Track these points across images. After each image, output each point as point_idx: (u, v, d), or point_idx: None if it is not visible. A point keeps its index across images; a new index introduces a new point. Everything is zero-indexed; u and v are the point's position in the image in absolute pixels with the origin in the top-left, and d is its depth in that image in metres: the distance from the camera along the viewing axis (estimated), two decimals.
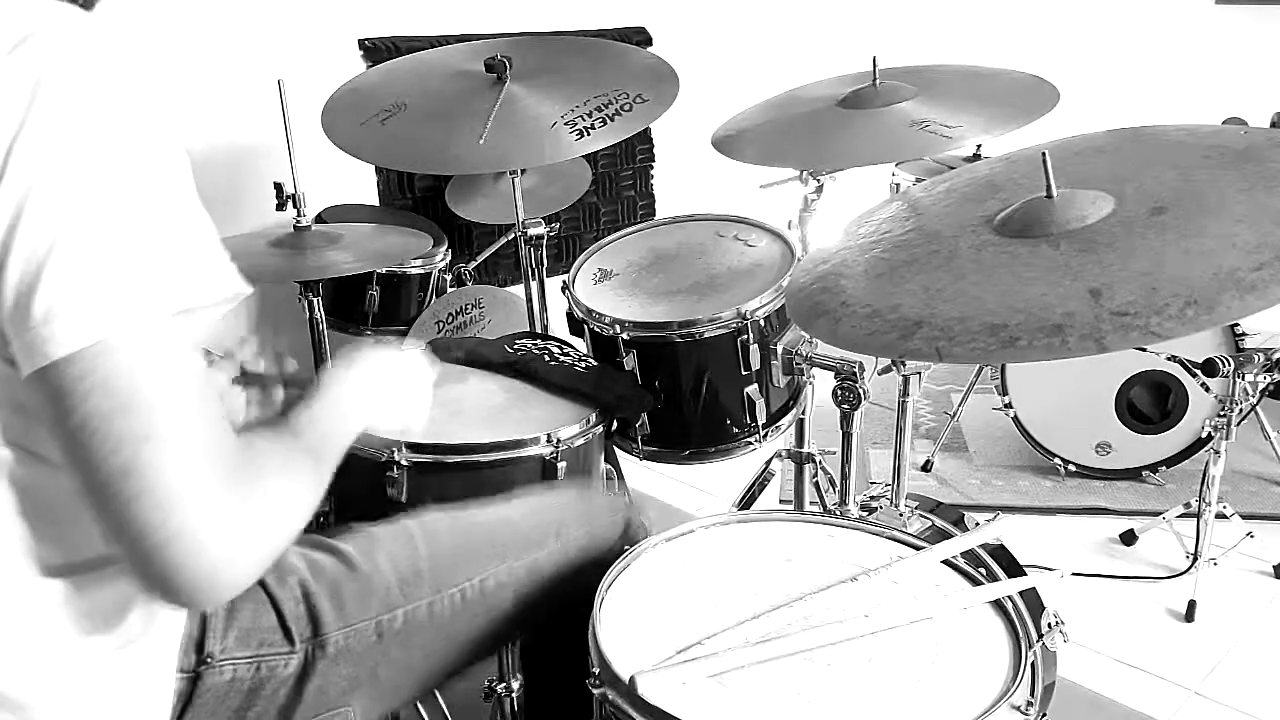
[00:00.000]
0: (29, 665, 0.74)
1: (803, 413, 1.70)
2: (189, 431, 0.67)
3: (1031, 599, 1.00)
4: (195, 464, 0.67)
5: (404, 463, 1.29)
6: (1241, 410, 2.05)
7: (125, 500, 0.65)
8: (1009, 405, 2.58)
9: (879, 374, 1.54)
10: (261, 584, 0.93)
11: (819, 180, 1.74)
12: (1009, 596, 0.99)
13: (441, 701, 1.65)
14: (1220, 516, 2.14)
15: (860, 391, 1.45)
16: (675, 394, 1.52)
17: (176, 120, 0.70)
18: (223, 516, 0.68)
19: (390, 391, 1.02)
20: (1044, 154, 1.10)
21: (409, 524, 1.08)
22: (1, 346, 0.67)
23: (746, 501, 1.92)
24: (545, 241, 1.94)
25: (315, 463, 0.83)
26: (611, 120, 1.70)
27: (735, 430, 1.54)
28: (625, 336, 1.49)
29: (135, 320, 0.65)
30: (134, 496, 0.65)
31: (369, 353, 1.01)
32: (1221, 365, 1.93)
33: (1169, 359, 2.18)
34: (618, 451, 1.62)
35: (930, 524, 1.56)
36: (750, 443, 1.55)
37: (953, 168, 1.69)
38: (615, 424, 1.53)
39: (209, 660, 0.90)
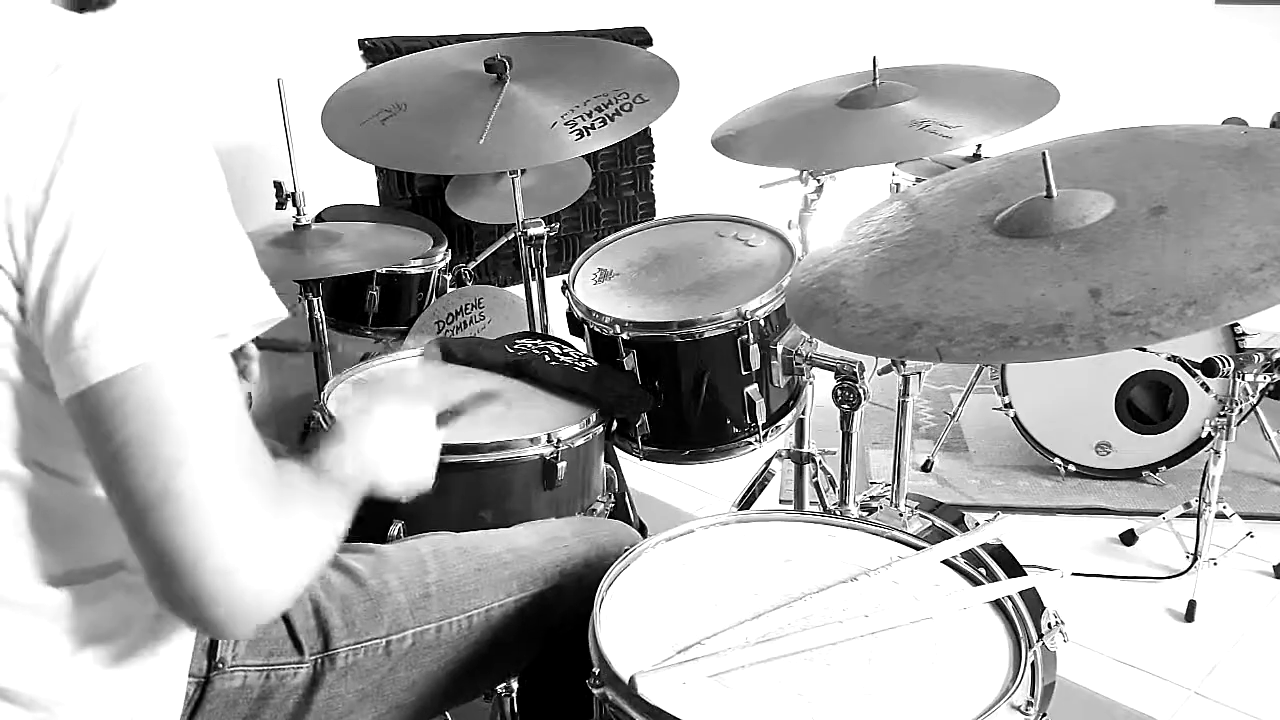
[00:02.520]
0: (45, 667, 0.74)
1: (803, 413, 1.70)
2: (225, 457, 0.67)
3: (1031, 599, 1.00)
4: (231, 490, 0.66)
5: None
6: (1241, 410, 2.05)
7: (159, 525, 0.65)
8: (1009, 405, 2.58)
9: (879, 374, 1.54)
10: None
11: (819, 180, 1.74)
12: (1009, 596, 0.99)
13: None
14: (1220, 516, 2.14)
15: (860, 391, 1.45)
16: (675, 394, 1.52)
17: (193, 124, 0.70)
18: (256, 544, 0.67)
19: (402, 447, 1.00)
20: (1044, 154, 1.10)
21: (420, 547, 1.08)
22: (30, 368, 0.67)
23: (746, 501, 1.92)
24: (545, 241, 1.94)
25: (342, 496, 0.83)
26: (611, 120, 1.70)
27: (735, 430, 1.54)
28: (625, 336, 1.49)
29: (174, 344, 0.65)
30: (168, 521, 0.64)
31: (385, 406, 0.99)
32: (1221, 365, 1.93)
33: (1169, 359, 2.17)
34: (618, 451, 1.62)
35: (930, 524, 1.56)
36: (750, 443, 1.55)
37: (953, 168, 1.69)
38: (615, 424, 1.53)
39: (220, 666, 0.90)
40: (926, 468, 2.74)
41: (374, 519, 1.33)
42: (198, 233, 0.68)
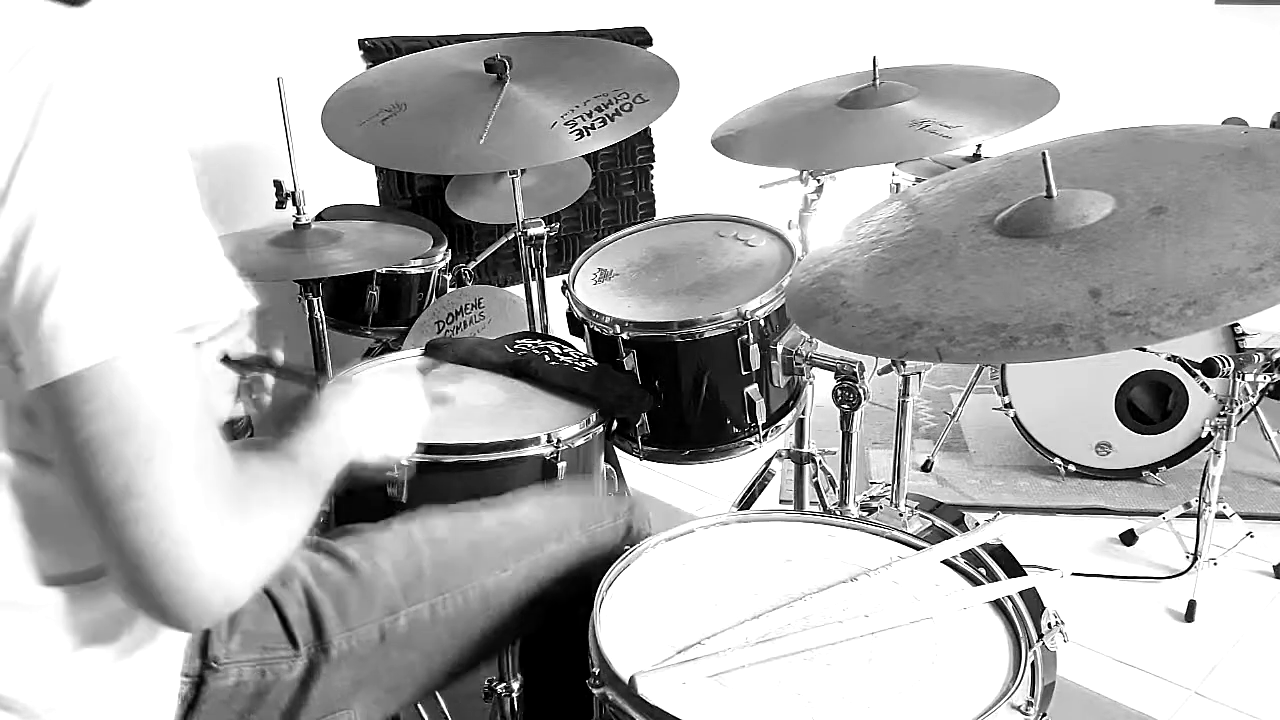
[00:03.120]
0: (35, 671, 0.74)
1: (803, 413, 1.70)
2: (189, 453, 0.67)
3: (1031, 599, 1.00)
4: (193, 486, 0.66)
5: (404, 462, 1.29)
6: (1241, 410, 2.05)
7: (123, 520, 0.65)
8: (1009, 405, 2.58)
9: (879, 374, 1.54)
10: (265, 588, 0.93)
11: (819, 180, 1.74)
12: (1009, 596, 0.99)
13: (441, 701, 1.65)
14: (1220, 516, 2.14)
15: (860, 391, 1.45)
16: (675, 394, 1.52)
17: (176, 120, 0.69)
18: (217, 539, 0.67)
19: (384, 420, 1.01)
20: (1044, 154, 1.10)
21: (411, 527, 1.08)
22: (7, 353, 0.66)
23: (746, 501, 1.92)
24: (545, 241, 1.94)
25: (310, 487, 0.83)
26: (611, 120, 1.70)
27: (735, 430, 1.54)
28: (625, 336, 1.49)
29: (141, 339, 0.64)
30: (132, 518, 0.65)
31: (366, 379, 1.01)
32: (1221, 365, 1.93)
33: (1169, 359, 2.17)
34: (618, 451, 1.62)
35: (930, 524, 1.56)
36: (750, 443, 1.55)
37: (953, 168, 1.69)
38: (615, 424, 1.53)
39: (214, 664, 0.90)
40: (926, 468, 2.74)
41: (373, 515, 1.32)
42: (163, 225, 0.67)
